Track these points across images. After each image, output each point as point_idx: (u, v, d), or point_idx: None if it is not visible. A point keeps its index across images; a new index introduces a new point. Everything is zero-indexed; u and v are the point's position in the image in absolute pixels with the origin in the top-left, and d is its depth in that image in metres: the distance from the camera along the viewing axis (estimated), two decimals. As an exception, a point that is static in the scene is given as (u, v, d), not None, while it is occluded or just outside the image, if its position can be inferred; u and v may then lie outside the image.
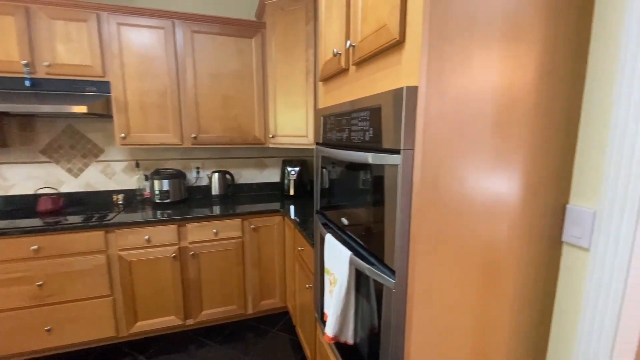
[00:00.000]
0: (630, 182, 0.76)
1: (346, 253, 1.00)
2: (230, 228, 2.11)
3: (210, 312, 2.19)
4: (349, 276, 1.00)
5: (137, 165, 2.42)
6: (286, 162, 2.58)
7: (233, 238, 2.14)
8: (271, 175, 2.79)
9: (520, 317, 0.91)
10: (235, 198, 2.55)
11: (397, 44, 0.77)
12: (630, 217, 0.76)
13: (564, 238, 0.91)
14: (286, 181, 2.55)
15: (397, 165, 0.76)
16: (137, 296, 2.00)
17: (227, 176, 2.53)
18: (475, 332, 0.86)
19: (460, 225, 0.79)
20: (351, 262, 0.98)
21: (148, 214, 2.06)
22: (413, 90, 0.71)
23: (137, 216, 2.00)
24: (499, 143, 0.78)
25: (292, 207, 2.26)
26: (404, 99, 0.71)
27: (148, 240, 1.95)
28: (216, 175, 2.48)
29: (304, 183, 2.57)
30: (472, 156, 0.77)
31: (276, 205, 2.29)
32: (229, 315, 2.24)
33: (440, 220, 0.77)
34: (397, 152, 0.76)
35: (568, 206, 0.90)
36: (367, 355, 1.00)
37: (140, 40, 2.04)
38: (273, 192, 2.78)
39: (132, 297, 1.99)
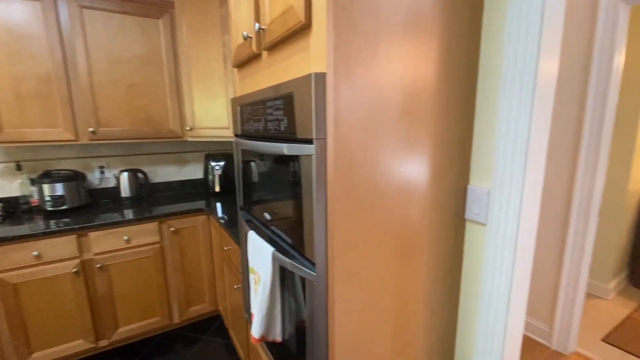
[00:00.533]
0: (515, 164, 0.86)
1: (269, 249, 0.95)
2: (145, 233, 1.89)
3: (129, 329, 1.95)
4: (273, 273, 0.95)
5: (19, 167, 2.00)
6: (209, 157, 2.40)
7: (149, 244, 1.92)
8: (193, 171, 2.57)
9: (434, 291, 0.98)
10: (151, 199, 2.29)
11: (305, 28, 0.73)
12: (516, 195, 0.86)
13: (467, 215, 1.00)
14: (210, 177, 2.38)
15: (311, 155, 0.73)
16: (29, 323, 1.67)
17: (140, 175, 2.26)
18: (394, 311, 0.90)
19: (376, 211, 0.80)
20: (274, 259, 0.94)
21: (37, 225, 1.72)
22: (321, 77, 0.68)
23: (20, 229, 1.65)
24: (407, 130, 0.81)
25: (218, 205, 2.12)
26: (312, 86, 0.68)
27: (38, 257, 1.64)
28: (125, 174, 2.19)
29: (230, 178, 2.43)
30: (383, 143, 0.78)
31: (200, 204, 2.13)
32: (152, 328, 2.03)
33: (356, 208, 0.77)
34: (310, 141, 0.73)
35: (469, 186, 0.99)
36: (295, 350, 0.98)
37: (8, 13, 1.65)
38: (196, 190, 2.58)
39: (23, 326, 1.66)
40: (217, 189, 2.37)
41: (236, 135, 1.29)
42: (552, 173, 1.75)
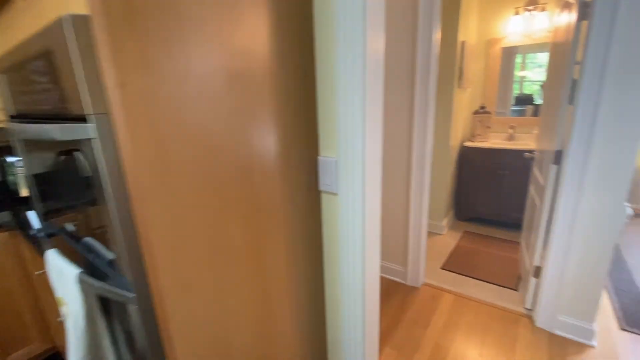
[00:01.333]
0: (355, 133, 0.84)
1: (72, 272, 0.69)
2: None
3: None
4: (86, 302, 0.71)
5: None
6: (3, 150, 1.73)
7: None
8: (-19, 173, 1.83)
9: (297, 262, 0.94)
10: None
11: (47, -56, 0.48)
12: (357, 163, 0.86)
13: (321, 187, 0.97)
14: (11, 178, 1.74)
15: (92, 138, 0.51)
16: None
17: None
18: (256, 299, 0.81)
19: (215, 196, 0.66)
20: (82, 283, 0.69)
21: None
22: (83, 21, 0.46)
23: None
24: (240, 95, 0.67)
25: (31, 214, 1.56)
26: (71, 36, 0.46)
27: None
28: None
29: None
30: (210, 111, 0.62)
31: (-3, 217, 1.53)
32: (-59, 403, 1.41)
33: (183, 199, 0.60)
34: (84, 119, 0.51)
35: (319, 158, 0.95)
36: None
37: None
38: (-7, 198, 1.86)
39: None
40: (25, 192, 1.75)
41: (11, 117, 0.90)
42: (397, 134, 1.96)
